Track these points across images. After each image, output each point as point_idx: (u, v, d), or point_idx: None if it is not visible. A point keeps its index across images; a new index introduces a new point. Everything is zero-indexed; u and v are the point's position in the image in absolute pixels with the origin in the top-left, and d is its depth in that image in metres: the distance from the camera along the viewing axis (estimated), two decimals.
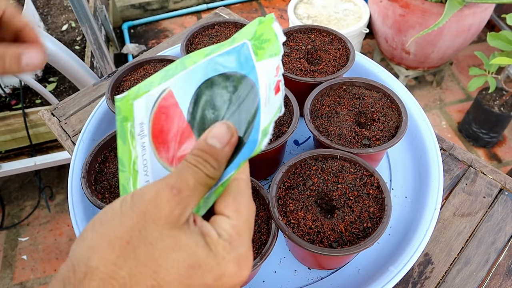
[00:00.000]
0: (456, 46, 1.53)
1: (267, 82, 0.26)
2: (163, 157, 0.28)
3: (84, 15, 0.98)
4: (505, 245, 0.53)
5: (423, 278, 0.51)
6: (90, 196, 0.47)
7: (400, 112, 0.53)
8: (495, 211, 0.56)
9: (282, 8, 2.16)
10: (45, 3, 1.51)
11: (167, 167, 0.28)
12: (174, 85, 0.29)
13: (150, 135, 0.29)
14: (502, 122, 1.51)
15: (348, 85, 0.57)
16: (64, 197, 1.49)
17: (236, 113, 0.27)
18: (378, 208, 0.44)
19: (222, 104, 0.27)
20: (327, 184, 0.46)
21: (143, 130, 0.29)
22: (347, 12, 1.60)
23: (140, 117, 0.29)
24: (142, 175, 0.28)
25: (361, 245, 0.40)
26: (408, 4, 1.41)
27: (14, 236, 1.40)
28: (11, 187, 1.52)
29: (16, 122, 1.20)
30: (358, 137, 0.52)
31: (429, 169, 0.55)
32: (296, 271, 0.50)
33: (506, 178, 0.59)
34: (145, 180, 0.28)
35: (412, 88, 1.81)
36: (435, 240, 0.53)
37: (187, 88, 0.29)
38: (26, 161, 1.27)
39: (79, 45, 1.38)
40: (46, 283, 1.29)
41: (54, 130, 0.68)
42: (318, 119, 0.54)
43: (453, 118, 1.71)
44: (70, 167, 0.57)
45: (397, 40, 1.57)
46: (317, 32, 0.64)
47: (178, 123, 0.28)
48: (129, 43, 1.88)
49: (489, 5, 1.41)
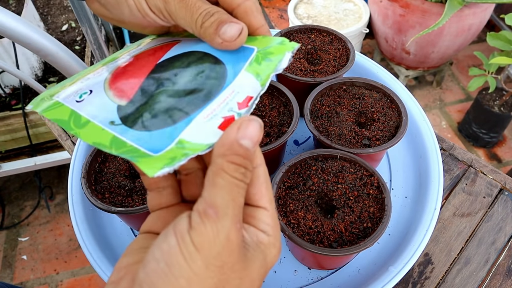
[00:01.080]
0: (456, 46, 1.53)
1: (231, 96, 0.24)
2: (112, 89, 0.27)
3: (84, 15, 0.98)
4: (505, 245, 0.53)
5: (423, 278, 0.51)
6: (90, 196, 0.47)
7: (400, 112, 0.53)
8: (495, 211, 0.56)
9: (282, 8, 2.15)
10: (45, 3, 1.51)
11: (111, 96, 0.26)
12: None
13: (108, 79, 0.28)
14: (502, 122, 1.51)
15: (348, 85, 0.57)
16: (64, 197, 1.49)
17: (180, 95, 0.25)
18: (378, 208, 0.44)
19: (182, 78, 0.26)
20: (327, 184, 0.46)
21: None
22: (347, 12, 1.60)
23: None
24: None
25: (361, 245, 0.40)
26: (408, 4, 1.41)
27: (14, 236, 1.40)
28: (11, 187, 1.52)
29: (16, 122, 1.20)
30: (358, 137, 0.52)
31: (429, 169, 0.55)
32: (296, 271, 0.50)
33: (506, 178, 0.59)
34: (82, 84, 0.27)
35: (412, 88, 1.81)
36: (435, 240, 0.54)
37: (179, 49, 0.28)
38: (26, 161, 1.27)
39: (79, 45, 1.38)
40: (46, 283, 1.29)
41: (54, 130, 0.68)
42: (318, 119, 0.54)
43: (453, 118, 1.71)
44: (70, 167, 0.57)
45: (397, 40, 1.57)
46: (317, 32, 0.64)
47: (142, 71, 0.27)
48: (129, 43, 1.88)
49: (489, 5, 1.41)
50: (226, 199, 0.20)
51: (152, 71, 0.27)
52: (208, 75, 0.26)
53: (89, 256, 0.48)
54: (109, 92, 0.26)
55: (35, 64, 1.26)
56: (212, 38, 0.26)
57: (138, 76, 0.27)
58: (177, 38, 0.31)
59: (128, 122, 0.24)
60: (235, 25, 0.26)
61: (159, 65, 0.28)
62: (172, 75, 0.26)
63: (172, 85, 0.26)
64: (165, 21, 0.28)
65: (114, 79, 0.27)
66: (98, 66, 0.30)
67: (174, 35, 0.32)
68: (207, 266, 0.20)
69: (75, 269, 1.32)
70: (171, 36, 0.32)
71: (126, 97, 0.26)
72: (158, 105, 0.25)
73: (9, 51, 1.15)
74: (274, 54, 0.26)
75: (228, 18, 0.26)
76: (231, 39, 0.26)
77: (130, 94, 0.26)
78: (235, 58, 0.27)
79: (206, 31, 0.26)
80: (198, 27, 0.26)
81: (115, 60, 0.30)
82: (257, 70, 0.25)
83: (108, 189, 0.49)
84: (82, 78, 0.28)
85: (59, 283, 1.29)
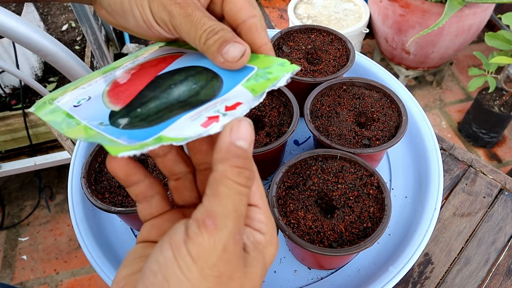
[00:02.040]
0: (456, 46, 1.53)
1: (221, 102, 0.25)
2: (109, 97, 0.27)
3: (84, 15, 0.98)
4: (505, 245, 0.53)
5: (423, 278, 0.51)
6: (90, 196, 0.47)
7: (400, 112, 0.53)
8: (495, 211, 0.56)
9: (282, 8, 2.15)
10: (45, 3, 1.51)
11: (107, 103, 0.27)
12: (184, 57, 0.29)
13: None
14: (502, 122, 1.51)
15: (348, 85, 0.57)
16: (64, 197, 1.49)
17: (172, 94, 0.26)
18: (378, 208, 0.44)
19: (177, 89, 0.26)
20: (327, 184, 0.46)
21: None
22: (347, 12, 1.60)
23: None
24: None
25: (361, 245, 0.40)
26: (408, 4, 1.41)
27: (14, 236, 1.40)
28: (11, 187, 1.52)
29: (16, 122, 1.20)
30: (358, 137, 0.52)
31: (429, 169, 0.55)
32: (296, 271, 0.50)
33: (506, 178, 0.59)
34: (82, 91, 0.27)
35: (412, 88, 1.81)
36: (435, 240, 0.54)
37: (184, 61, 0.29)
38: (26, 161, 1.27)
39: (79, 45, 1.38)
40: (46, 283, 1.29)
41: (54, 130, 0.68)
42: (318, 119, 0.54)
43: (453, 118, 1.71)
44: (70, 167, 0.57)
45: (397, 40, 1.57)
46: (317, 32, 0.64)
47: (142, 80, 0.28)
48: (129, 43, 1.88)
49: (489, 5, 1.41)
50: (228, 209, 0.20)
51: (151, 82, 0.28)
52: (204, 86, 0.26)
53: (89, 256, 0.48)
54: (106, 99, 0.27)
55: (35, 64, 1.26)
56: (214, 56, 0.26)
57: (136, 86, 0.28)
58: (183, 49, 0.31)
59: (115, 123, 0.25)
60: (238, 45, 0.26)
61: (159, 77, 0.28)
62: (168, 87, 0.27)
63: (167, 96, 0.26)
64: (170, 33, 0.28)
65: (114, 88, 0.28)
66: (102, 72, 0.30)
67: (181, 44, 0.32)
68: (204, 277, 0.19)
69: (75, 269, 1.33)
70: (177, 46, 0.32)
71: (120, 103, 0.26)
72: (147, 111, 0.25)
73: (9, 51, 1.15)
74: (273, 73, 0.26)
75: (232, 37, 0.26)
76: (233, 60, 0.26)
77: (125, 101, 0.26)
78: (234, 75, 0.27)
79: (209, 49, 0.26)
80: (202, 44, 0.26)
81: (121, 66, 0.31)
82: (253, 86, 0.25)
83: (108, 189, 0.49)
84: (85, 84, 0.29)
85: (59, 283, 1.30)
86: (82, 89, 0.29)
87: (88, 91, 0.28)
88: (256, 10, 0.28)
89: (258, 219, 0.23)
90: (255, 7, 0.28)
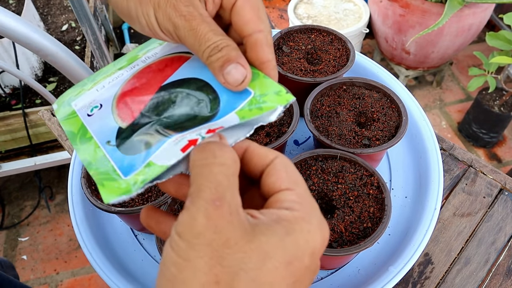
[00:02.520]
0: (456, 46, 1.53)
1: (207, 126, 0.25)
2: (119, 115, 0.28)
3: (84, 15, 0.98)
4: (505, 245, 0.53)
5: (423, 278, 0.51)
6: (90, 196, 0.47)
7: (400, 112, 0.53)
8: (495, 211, 0.56)
9: (282, 8, 2.15)
10: (45, 3, 1.51)
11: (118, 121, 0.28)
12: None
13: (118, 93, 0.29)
14: (502, 122, 1.51)
15: (348, 85, 0.57)
16: (64, 197, 1.49)
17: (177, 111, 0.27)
18: (378, 208, 0.44)
19: (179, 109, 0.27)
20: (327, 184, 0.46)
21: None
22: (347, 12, 1.60)
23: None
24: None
25: (361, 245, 0.40)
26: (408, 4, 1.41)
27: (14, 236, 1.40)
28: (11, 187, 1.52)
29: (16, 122, 1.20)
30: (358, 137, 0.52)
31: (429, 169, 0.55)
32: None
33: (506, 178, 0.59)
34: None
35: (412, 88, 1.81)
36: (435, 240, 0.54)
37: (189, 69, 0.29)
38: (26, 161, 1.27)
39: (79, 45, 1.38)
40: (46, 283, 1.29)
41: (54, 130, 0.68)
42: (318, 119, 0.54)
43: (453, 118, 1.71)
44: (70, 167, 0.57)
45: (397, 40, 1.57)
46: (317, 32, 0.64)
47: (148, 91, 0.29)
48: (129, 43, 1.88)
49: (489, 5, 1.41)
50: (197, 183, 0.21)
51: (156, 93, 0.29)
52: (201, 112, 0.27)
53: (89, 256, 0.48)
54: (115, 110, 0.28)
55: (35, 64, 1.26)
56: (216, 74, 0.27)
57: (143, 96, 0.29)
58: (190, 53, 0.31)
59: (120, 145, 0.26)
60: (240, 68, 0.26)
61: (163, 87, 0.29)
62: (171, 104, 0.28)
63: (167, 117, 0.27)
64: (175, 41, 0.29)
65: (122, 97, 0.29)
66: (118, 68, 0.31)
67: None
68: (191, 247, 0.20)
69: (75, 269, 1.33)
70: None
71: (127, 120, 0.27)
72: (147, 136, 0.27)
73: (9, 51, 1.15)
74: (267, 103, 0.26)
75: (235, 57, 0.26)
76: (233, 84, 0.26)
77: (131, 119, 0.28)
78: (231, 96, 0.27)
79: (211, 65, 0.26)
80: (205, 59, 0.27)
81: (133, 64, 0.32)
82: (244, 115, 0.26)
83: None
84: (99, 85, 0.30)
85: (59, 283, 1.30)
86: (96, 91, 0.30)
87: (101, 94, 0.30)
88: (263, 25, 0.27)
89: (288, 200, 0.23)
90: (263, 21, 0.27)
